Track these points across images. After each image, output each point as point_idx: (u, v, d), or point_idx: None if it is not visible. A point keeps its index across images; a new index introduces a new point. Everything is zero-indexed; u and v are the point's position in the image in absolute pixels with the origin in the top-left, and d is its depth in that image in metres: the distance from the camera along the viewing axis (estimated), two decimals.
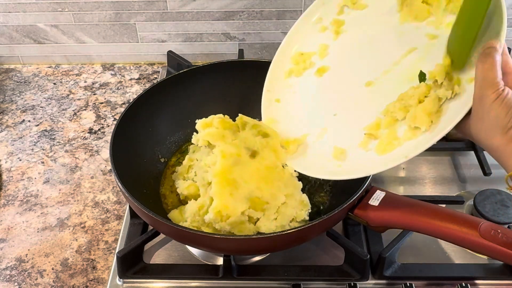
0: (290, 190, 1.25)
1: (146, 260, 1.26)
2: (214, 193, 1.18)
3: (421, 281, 1.19)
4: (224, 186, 1.18)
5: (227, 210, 1.15)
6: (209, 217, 1.16)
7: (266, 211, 1.20)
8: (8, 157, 1.58)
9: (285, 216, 1.21)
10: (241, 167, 1.23)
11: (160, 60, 1.97)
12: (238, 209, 1.16)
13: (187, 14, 1.83)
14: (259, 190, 1.21)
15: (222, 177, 1.20)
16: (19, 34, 1.89)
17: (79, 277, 1.26)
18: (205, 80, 1.50)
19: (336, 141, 1.22)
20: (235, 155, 1.24)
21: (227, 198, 1.17)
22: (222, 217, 1.15)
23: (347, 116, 1.23)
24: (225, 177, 1.19)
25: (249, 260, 1.26)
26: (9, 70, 1.96)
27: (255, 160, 1.26)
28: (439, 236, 1.07)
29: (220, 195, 1.17)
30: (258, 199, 1.20)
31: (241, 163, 1.24)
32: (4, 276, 1.27)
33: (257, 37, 1.89)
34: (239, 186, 1.20)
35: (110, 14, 1.84)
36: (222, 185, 1.18)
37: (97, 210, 1.42)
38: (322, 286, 1.20)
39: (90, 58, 1.97)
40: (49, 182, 1.50)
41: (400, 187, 1.45)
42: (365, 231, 1.30)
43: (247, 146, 1.28)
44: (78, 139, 1.64)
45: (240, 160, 1.24)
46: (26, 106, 1.78)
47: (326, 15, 1.34)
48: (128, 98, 1.81)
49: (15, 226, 1.38)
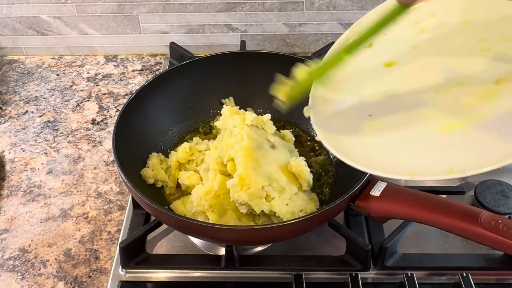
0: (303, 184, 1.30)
1: (148, 250, 1.26)
2: (240, 163, 1.21)
3: (422, 271, 1.20)
4: (249, 160, 1.21)
5: (249, 180, 1.18)
6: (231, 182, 1.19)
7: (282, 194, 1.23)
8: (12, 148, 1.59)
9: (296, 205, 1.24)
10: (263, 152, 1.27)
11: (163, 51, 1.97)
12: (259, 183, 1.19)
13: (190, 5, 1.83)
14: (278, 175, 1.25)
15: (247, 151, 1.23)
16: (22, 25, 1.90)
17: (82, 267, 1.27)
18: (207, 71, 1.51)
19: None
20: (258, 140, 1.29)
21: (250, 170, 1.20)
22: (243, 186, 1.18)
23: None
24: (250, 153, 1.23)
25: (251, 251, 1.27)
26: (13, 61, 1.96)
27: (275, 152, 1.31)
28: (440, 226, 1.07)
29: (245, 165, 1.20)
30: (277, 181, 1.23)
31: (263, 149, 1.28)
32: (8, 266, 1.27)
33: (259, 28, 1.89)
34: (261, 165, 1.23)
35: (112, 6, 1.84)
36: (247, 158, 1.22)
37: (100, 201, 1.43)
38: (324, 276, 1.21)
39: (93, 49, 1.98)
40: (52, 172, 1.51)
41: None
42: (366, 222, 1.31)
43: (268, 138, 1.34)
44: (81, 130, 1.65)
45: (262, 146, 1.29)
46: (29, 97, 1.78)
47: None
48: (131, 89, 1.81)
49: (18, 216, 1.39)
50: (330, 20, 1.86)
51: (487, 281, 1.20)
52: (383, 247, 1.18)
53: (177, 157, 1.39)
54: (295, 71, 1.12)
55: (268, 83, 1.52)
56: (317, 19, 1.86)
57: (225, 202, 1.24)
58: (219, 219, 1.23)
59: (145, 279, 1.22)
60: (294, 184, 1.28)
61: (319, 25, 1.87)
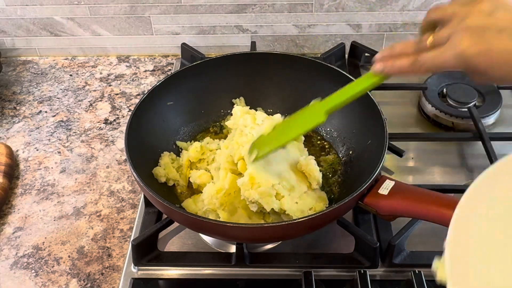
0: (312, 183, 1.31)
1: (160, 248, 1.28)
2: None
3: (429, 269, 1.18)
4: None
5: (260, 178, 1.19)
6: (242, 180, 1.20)
7: (291, 192, 1.24)
8: (26, 147, 1.61)
9: (306, 203, 1.25)
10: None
11: (174, 52, 1.99)
12: (269, 181, 1.20)
13: (201, 7, 1.85)
14: (288, 173, 1.27)
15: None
16: (36, 26, 1.92)
17: (95, 264, 1.28)
18: (218, 72, 1.52)
19: None
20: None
21: (261, 169, 1.22)
22: (254, 184, 1.19)
23: None
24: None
25: (261, 248, 1.28)
26: (27, 62, 1.98)
27: (285, 151, 1.32)
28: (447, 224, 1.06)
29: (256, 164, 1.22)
30: (286, 180, 1.25)
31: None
32: (22, 263, 1.29)
33: (269, 29, 1.91)
34: (271, 164, 1.25)
35: (125, 7, 1.86)
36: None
37: (112, 199, 1.44)
38: (333, 273, 1.22)
39: (105, 50, 1.99)
40: (66, 171, 1.53)
41: (409, 176, 1.46)
42: (374, 220, 1.32)
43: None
44: (93, 130, 1.66)
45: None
46: (43, 97, 1.80)
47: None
48: (143, 90, 1.83)
49: (32, 214, 1.41)
50: (339, 21, 1.87)
51: None
52: (391, 245, 1.19)
53: (189, 156, 1.40)
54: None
55: (278, 83, 1.54)
56: (326, 20, 1.87)
57: (235, 200, 1.26)
58: (230, 217, 1.24)
59: (157, 276, 1.23)
60: (303, 183, 1.29)
61: (328, 26, 1.88)
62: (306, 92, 1.45)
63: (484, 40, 0.87)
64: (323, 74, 1.46)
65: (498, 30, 0.87)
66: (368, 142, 1.34)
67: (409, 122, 1.64)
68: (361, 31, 1.90)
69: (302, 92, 1.48)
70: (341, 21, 1.87)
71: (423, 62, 0.95)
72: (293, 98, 1.50)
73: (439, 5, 0.98)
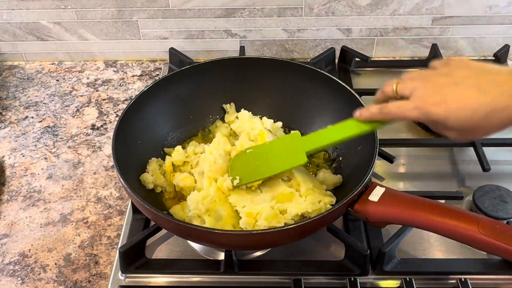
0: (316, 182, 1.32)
1: (148, 255, 1.27)
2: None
3: (420, 276, 1.20)
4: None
5: (255, 209, 1.21)
6: (243, 222, 1.21)
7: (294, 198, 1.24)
8: (12, 153, 1.59)
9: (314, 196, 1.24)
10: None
11: (162, 57, 1.98)
12: (266, 205, 1.21)
13: (189, 11, 1.84)
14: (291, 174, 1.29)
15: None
16: (22, 31, 1.90)
17: (82, 272, 1.27)
18: (206, 77, 1.51)
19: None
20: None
21: (250, 203, 1.24)
22: (254, 217, 1.20)
23: None
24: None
25: (251, 255, 1.27)
26: (13, 67, 1.97)
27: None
28: (439, 231, 1.07)
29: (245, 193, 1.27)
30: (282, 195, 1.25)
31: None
32: (8, 271, 1.28)
33: (258, 34, 1.90)
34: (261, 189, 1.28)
35: (112, 11, 1.85)
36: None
37: (99, 206, 1.43)
38: (323, 281, 1.21)
39: (92, 55, 1.98)
40: (52, 178, 1.51)
41: (399, 182, 1.46)
42: (365, 227, 1.31)
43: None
44: (80, 135, 1.65)
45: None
46: (29, 103, 1.79)
47: None
48: (130, 95, 1.82)
49: (18, 221, 1.39)
50: (328, 25, 1.87)
51: (486, 286, 1.20)
52: (381, 252, 1.18)
53: (172, 160, 1.40)
54: None
55: (267, 88, 1.53)
56: (316, 25, 1.87)
57: (221, 208, 1.25)
58: (216, 223, 1.23)
59: (144, 283, 1.22)
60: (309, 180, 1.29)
61: (318, 30, 1.88)
62: (296, 97, 1.45)
63: (442, 93, 0.95)
64: (313, 79, 1.45)
65: (454, 84, 0.94)
66: (359, 148, 1.33)
67: (400, 127, 1.63)
68: (352, 35, 1.90)
69: (291, 98, 1.48)
70: (331, 25, 1.87)
71: (388, 111, 1.04)
72: (282, 103, 1.51)
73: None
